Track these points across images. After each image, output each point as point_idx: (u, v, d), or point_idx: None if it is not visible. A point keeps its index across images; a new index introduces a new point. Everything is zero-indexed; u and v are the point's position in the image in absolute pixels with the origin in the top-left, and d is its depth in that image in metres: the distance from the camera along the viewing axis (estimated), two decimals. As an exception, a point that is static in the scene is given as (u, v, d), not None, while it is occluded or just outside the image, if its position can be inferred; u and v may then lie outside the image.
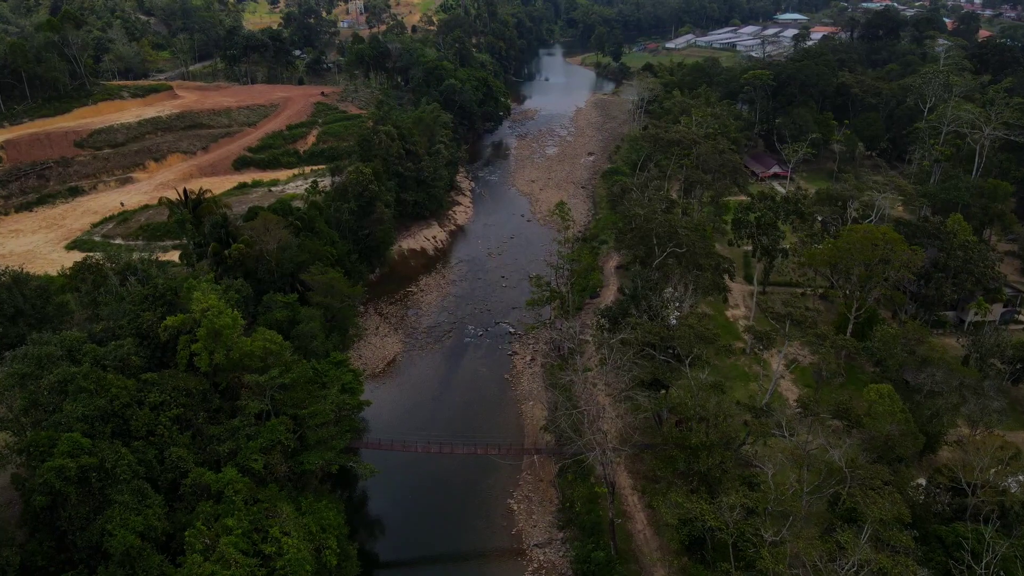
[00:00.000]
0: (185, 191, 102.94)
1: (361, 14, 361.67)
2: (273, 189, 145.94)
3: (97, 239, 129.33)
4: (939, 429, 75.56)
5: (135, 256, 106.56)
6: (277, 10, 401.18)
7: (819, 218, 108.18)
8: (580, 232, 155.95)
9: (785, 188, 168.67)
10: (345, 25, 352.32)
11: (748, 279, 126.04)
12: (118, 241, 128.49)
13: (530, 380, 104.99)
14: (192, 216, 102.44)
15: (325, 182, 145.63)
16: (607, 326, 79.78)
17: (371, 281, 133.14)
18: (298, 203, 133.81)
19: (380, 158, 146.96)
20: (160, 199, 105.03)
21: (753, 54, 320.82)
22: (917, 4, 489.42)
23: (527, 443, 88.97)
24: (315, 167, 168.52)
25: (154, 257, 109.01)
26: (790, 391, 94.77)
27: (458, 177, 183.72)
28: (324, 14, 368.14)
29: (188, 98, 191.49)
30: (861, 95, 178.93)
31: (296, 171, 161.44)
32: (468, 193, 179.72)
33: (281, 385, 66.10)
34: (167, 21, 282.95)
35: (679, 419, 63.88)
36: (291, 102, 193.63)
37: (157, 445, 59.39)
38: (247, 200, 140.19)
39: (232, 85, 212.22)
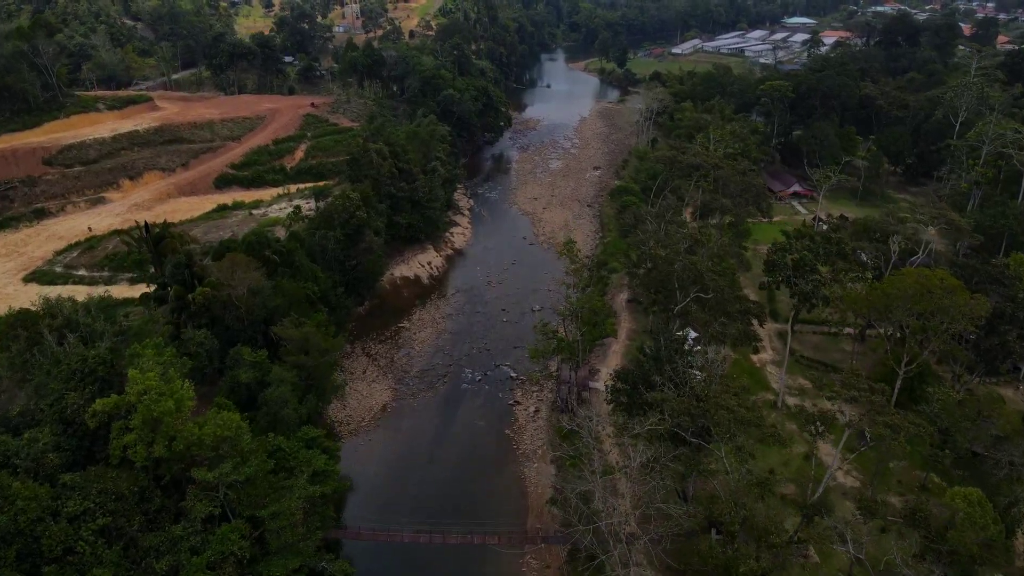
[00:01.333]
0: (146, 225, 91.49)
1: (357, 18, 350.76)
2: (255, 212, 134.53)
3: (59, 270, 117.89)
4: (1019, 518, 64.16)
5: (90, 295, 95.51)
6: (271, 14, 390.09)
7: (858, 252, 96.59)
8: (587, 258, 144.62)
9: (807, 209, 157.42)
10: (341, 30, 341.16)
11: (773, 315, 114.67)
12: (81, 272, 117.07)
13: (533, 436, 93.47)
14: (154, 253, 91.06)
15: (310, 204, 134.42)
16: (625, 393, 68.20)
17: (359, 315, 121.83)
18: (280, 231, 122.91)
19: (371, 179, 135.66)
20: (119, 232, 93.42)
21: (763, 60, 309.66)
22: (928, 8, 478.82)
23: (531, 521, 77.51)
24: (302, 185, 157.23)
25: (109, 295, 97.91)
26: (829, 455, 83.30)
27: (456, 195, 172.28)
28: (319, 18, 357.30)
29: (169, 110, 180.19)
30: (887, 108, 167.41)
31: (281, 190, 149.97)
32: (466, 212, 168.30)
33: (236, 479, 54.72)
34: (154, 26, 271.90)
35: (715, 521, 52.46)
36: (278, 114, 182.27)
37: (77, 566, 48.07)
38: (225, 225, 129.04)
39: (217, 95, 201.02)
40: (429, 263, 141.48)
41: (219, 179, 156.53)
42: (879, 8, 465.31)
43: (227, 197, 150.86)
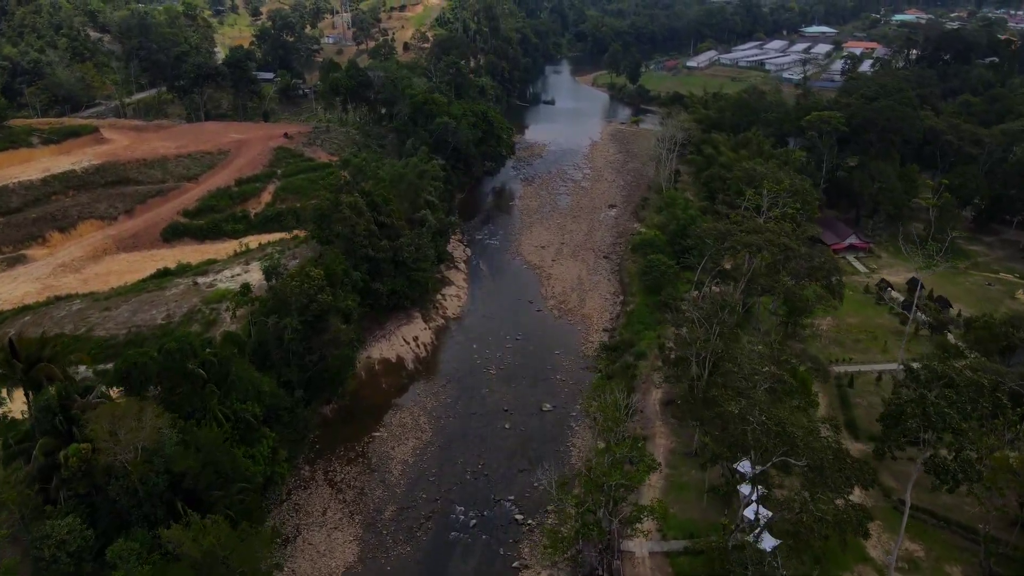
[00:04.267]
0: (11, 344, 66.40)
1: (349, 28, 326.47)
2: (200, 281, 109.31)
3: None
4: None
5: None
6: (258, 22, 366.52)
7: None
8: (606, 330, 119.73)
9: (866, 266, 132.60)
10: (330, 41, 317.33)
11: (850, 428, 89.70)
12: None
13: (547, 626, 68.65)
14: (24, 381, 66.15)
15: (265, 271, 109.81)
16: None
17: (325, 417, 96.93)
18: (226, 313, 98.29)
19: (343, 239, 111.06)
20: None
21: (787, 75, 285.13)
22: (954, 15, 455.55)
23: None
24: (268, 235, 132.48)
25: None
26: None
27: (450, 242, 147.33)
28: (307, 28, 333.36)
29: (117, 143, 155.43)
30: (957, 144, 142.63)
31: (239, 245, 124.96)
32: (462, 266, 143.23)
33: None
34: (122, 39, 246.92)
35: None
36: (245, 147, 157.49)
37: None
38: (161, 300, 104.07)
39: (176, 124, 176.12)
40: (415, 339, 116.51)
41: (168, 229, 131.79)
42: (903, 17, 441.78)
43: (175, 253, 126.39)
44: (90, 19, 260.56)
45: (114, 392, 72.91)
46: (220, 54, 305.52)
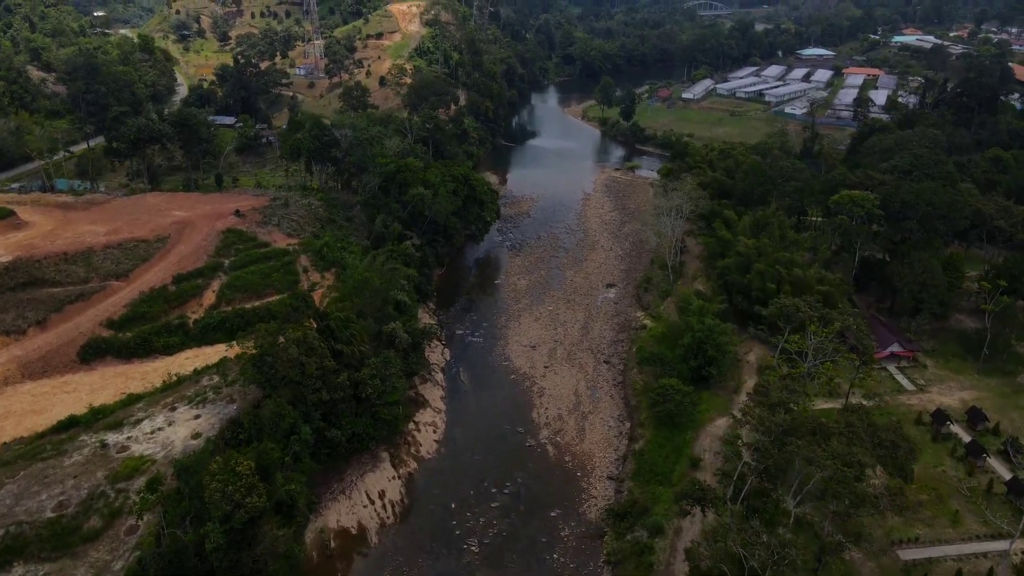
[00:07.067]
0: None
1: (321, 58, 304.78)
2: (111, 442, 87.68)
3: None
4: None
5: None
6: (227, 48, 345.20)
7: None
8: (611, 477, 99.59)
9: (913, 382, 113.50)
10: (301, 72, 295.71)
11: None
12: None
13: None
14: None
15: (200, 418, 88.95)
16: None
17: (262, 635, 76.30)
18: (130, 515, 77.21)
19: (291, 383, 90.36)
20: None
21: (789, 110, 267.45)
22: (953, 35, 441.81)
23: None
24: (209, 348, 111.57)
25: None
26: None
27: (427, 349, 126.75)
28: (279, 56, 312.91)
29: (37, 228, 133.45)
30: (1009, 229, 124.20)
31: (169, 373, 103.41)
32: (439, 377, 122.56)
33: None
34: (67, 80, 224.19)
35: None
36: (188, 230, 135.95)
37: None
38: (58, 474, 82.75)
39: (113, 197, 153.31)
40: (381, 494, 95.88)
41: (87, 347, 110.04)
42: (903, 38, 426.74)
43: (93, 379, 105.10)
44: (33, 57, 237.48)
45: None
46: (183, 88, 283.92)
